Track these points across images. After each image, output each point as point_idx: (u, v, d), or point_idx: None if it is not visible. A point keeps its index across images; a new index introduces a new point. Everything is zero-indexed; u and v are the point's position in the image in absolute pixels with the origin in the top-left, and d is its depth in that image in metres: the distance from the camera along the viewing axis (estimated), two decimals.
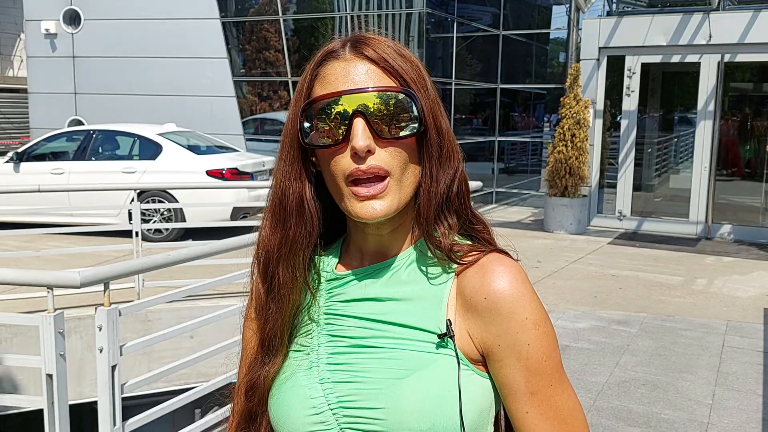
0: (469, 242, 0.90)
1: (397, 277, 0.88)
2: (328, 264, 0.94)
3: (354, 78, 0.82)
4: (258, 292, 0.93)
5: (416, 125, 0.83)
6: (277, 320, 0.91)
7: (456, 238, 0.89)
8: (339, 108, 0.82)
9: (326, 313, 0.90)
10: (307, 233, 0.89)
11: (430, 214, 0.86)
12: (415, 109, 0.83)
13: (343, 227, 0.95)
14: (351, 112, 0.81)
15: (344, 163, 0.83)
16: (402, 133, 0.83)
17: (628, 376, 4.42)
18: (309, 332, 0.91)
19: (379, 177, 0.82)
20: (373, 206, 0.83)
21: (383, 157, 0.82)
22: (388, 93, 0.82)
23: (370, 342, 0.86)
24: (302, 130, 0.85)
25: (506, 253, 0.89)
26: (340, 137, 0.82)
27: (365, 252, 0.91)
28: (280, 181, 0.89)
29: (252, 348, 0.96)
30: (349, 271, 0.91)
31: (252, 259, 0.94)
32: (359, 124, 0.81)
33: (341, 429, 0.84)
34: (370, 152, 0.82)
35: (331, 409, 0.84)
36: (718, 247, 8.55)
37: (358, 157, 0.82)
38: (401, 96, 0.82)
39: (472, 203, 0.92)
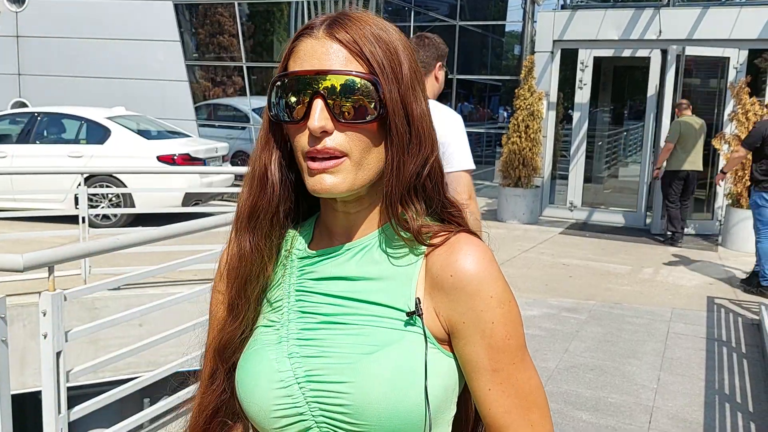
0: (440, 224, 0.90)
1: (369, 257, 0.89)
2: (300, 242, 0.94)
3: (320, 58, 0.82)
4: (231, 255, 0.94)
5: (377, 112, 0.83)
6: (239, 286, 0.92)
7: (427, 219, 0.90)
8: (301, 87, 0.82)
9: (297, 290, 0.91)
10: (267, 202, 0.90)
11: (394, 200, 0.86)
12: (377, 95, 0.82)
13: (319, 204, 0.95)
14: (311, 92, 0.82)
15: (303, 140, 0.83)
16: (361, 119, 0.83)
17: (576, 361, 4.51)
18: (279, 308, 0.91)
19: (335, 156, 0.83)
20: (325, 179, 0.83)
21: (340, 140, 0.82)
22: (350, 77, 0.82)
23: (340, 318, 0.86)
24: (270, 103, 0.87)
25: (475, 235, 0.90)
26: (301, 115, 0.83)
27: (335, 231, 0.92)
28: (256, 147, 0.92)
29: (219, 317, 0.96)
30: (321, 250, 0.92)
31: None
32: (317, 105, 0.81)
33: (308, 403, 0.84)
34: (326, 133, 0.82)
35: (299, 383, 0.84)
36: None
37: (314, 137, 0.82)
38: (363, 81, 0.82)
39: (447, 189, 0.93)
